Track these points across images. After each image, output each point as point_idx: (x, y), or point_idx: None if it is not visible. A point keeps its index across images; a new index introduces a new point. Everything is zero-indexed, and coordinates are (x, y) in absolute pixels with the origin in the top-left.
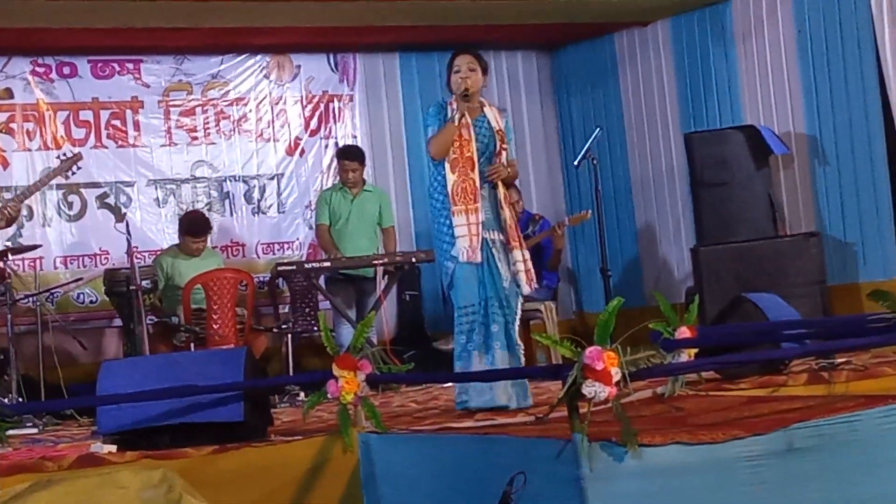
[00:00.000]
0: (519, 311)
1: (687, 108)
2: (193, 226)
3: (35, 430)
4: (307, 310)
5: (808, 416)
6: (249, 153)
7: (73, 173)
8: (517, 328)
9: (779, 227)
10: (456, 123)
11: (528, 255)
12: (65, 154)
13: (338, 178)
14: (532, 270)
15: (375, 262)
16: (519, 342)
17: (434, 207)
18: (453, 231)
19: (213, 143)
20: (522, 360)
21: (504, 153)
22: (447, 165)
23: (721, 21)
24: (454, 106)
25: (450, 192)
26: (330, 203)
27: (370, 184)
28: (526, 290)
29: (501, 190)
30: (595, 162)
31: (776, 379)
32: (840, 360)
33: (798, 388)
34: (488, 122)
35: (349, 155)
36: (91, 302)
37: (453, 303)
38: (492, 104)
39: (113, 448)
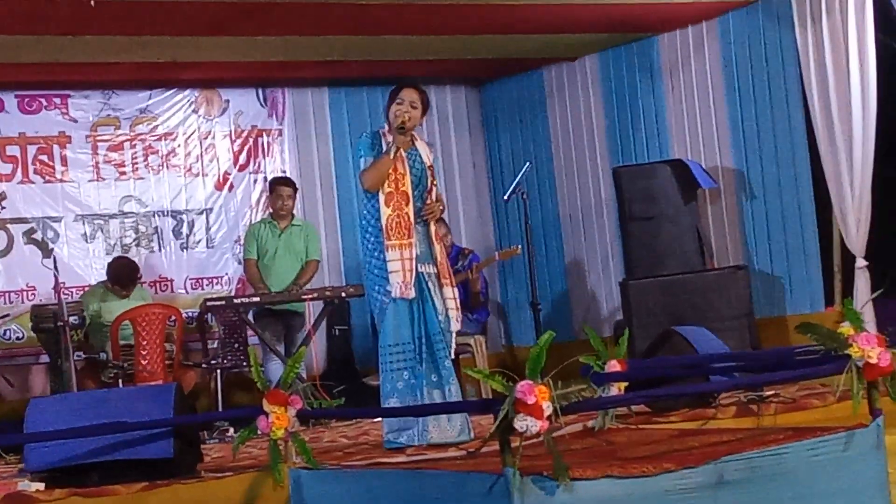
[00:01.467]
0: (453, 346)
1: (615, 143)
2: (120, 277)
3: None
4: (236, 345)
5: (737, 448)
6: (178, 188)
7: None
8: (451, 362)
9: (707, 261)
10: (392, 156)
11: (457, 293)
12: None
13: (267, 211)
14: (459, 309)
15: (305, 297)
16: (454, 376)
17: (366, 241)
18: (387, 266)
19: (142, 178)
20: (458, 394)
21: (434, 189)
22: (381, 199)
23: (648, 56)
24: (388, 137)
25: (384, 227)
26: (258, 237)
27: (298, 218)
28: (455, 327)
29: (432, 225)
30: (524, 196)
31: (705, 412)
32: (768, 393)
33: (727, 421)
34: (420, 157)
35: (285, 181)
36: (17, 338)
37: (380, 338)
38: (422, 139)
39: (41, 486)
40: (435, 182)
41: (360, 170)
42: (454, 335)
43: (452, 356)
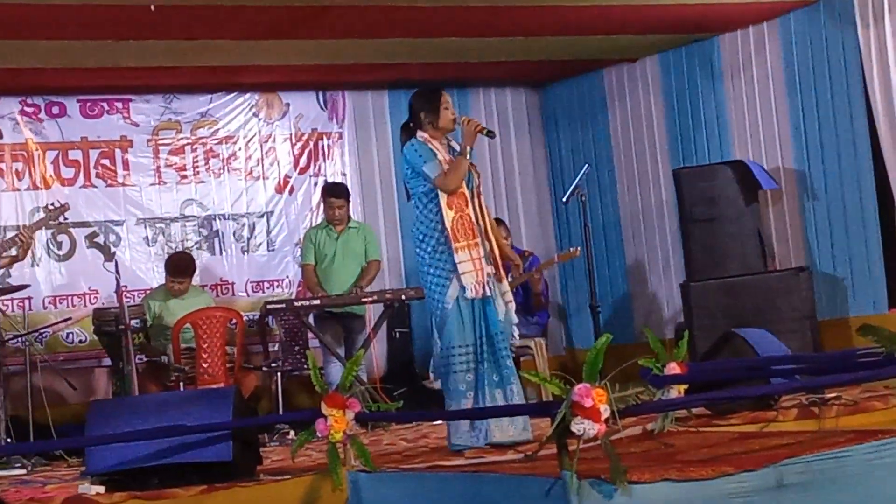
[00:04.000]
0: (516, 335)
1: (676, 144)
2: (174, 266)
3: (24, 472)
4: (296, 348)
5: (797, 451)
6: (239, 191)
7: (60, 223)
8: (512, 361)
9: (768, 263)
10: (467, 156)
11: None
12: (52, 204)
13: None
14: (513, 300)
15: (365, 299)
16: (515, 375)
17: (425, 245)
18: (454, 267)
19: (203, 182)
20: (520, 393)
21: (480, 185)
22: (443, 203)
23: (709, 57)
24: (433, 142)
25: (450, 229)
26: (315, 242)
27: (355, 220)
28: (515, 319)
29: (488, 221)
30: (583, 198)
31: (766, 414)
32: (830, 396)
33: (788, 424)
34: None
35: (334, 192)
36: (80, 342)
37: (442, 341)
38: (456, 140)
39: (101, 489)
40: (480, 180)
41: (434, 175)
42: (514, 326)
43: (514, 350)
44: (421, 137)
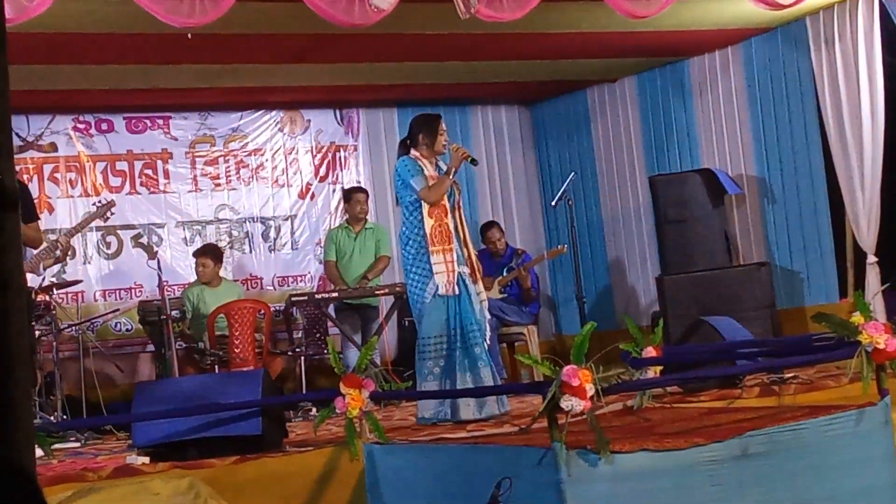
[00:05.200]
0: (488, 332)
1: (651, 154)
2: (200, 250)
3: (77, 444)
4: (318, 335)
5: (760, 424)
6: (266, 197)
7: (107, 218)
8: (481, 349)
9: (733, 258)
10: (451, 177)
11: (482, 287)
12: (100, 201)
13: (344, 217)
14: (486, 301)
15: (378, 292)
16: (483, 360)
17: (409, 248)
18: (431, 268)
19: (234, 189)
20: (489, 375)
21: (460, 200)
22: (425, 213)
23: (681, 77)
24: (423, 161)
25: (428, 235)
26: (336, 241)
27: (371, 221)
28: (488, 316)
29: (465, 231)
30: (570, 202)
31: (732, 392)
32: (788, 375)
33: (751, 401)
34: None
35: (360, 189)
36: (127, 330)
37: (420, 331)
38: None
39: (146, 460)
40: (460, 195)
41: (419, 188)
42: (487, 320)
43: (489, 342)
44: (413, 155)
